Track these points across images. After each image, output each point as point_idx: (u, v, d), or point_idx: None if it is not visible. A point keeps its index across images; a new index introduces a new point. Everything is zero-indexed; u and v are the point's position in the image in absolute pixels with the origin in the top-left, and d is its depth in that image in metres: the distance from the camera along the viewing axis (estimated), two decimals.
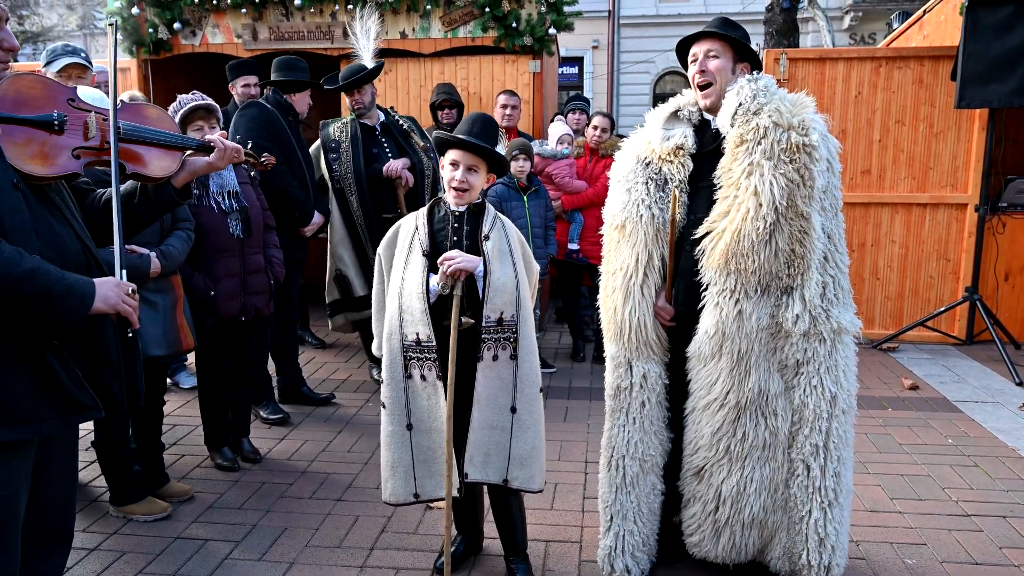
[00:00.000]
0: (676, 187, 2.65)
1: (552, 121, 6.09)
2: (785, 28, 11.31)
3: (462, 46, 6.28)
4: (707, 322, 2.58)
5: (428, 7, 6.12)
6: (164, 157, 2.25)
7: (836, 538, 2.62)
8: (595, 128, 5.57)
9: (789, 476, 2.63)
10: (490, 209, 2.70)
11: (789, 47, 10.18)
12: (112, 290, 1.93)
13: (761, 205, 2.45)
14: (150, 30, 6.40)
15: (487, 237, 2.63)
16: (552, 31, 6.09)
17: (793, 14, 11.44)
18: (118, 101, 2.15)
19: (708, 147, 2.69)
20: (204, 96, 3.71)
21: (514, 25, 6.02)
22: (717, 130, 2.66)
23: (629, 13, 20.30)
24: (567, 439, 4.25)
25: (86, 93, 2.47)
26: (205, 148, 2.39)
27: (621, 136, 6.04)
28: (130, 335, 2.01)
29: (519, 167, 5.01)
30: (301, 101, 4.78)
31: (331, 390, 5.04)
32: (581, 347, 5.80)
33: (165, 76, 6.74)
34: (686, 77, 2.77)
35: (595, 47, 20.40)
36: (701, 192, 2.66)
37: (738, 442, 2.61)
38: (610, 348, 2.80)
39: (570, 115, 6.20)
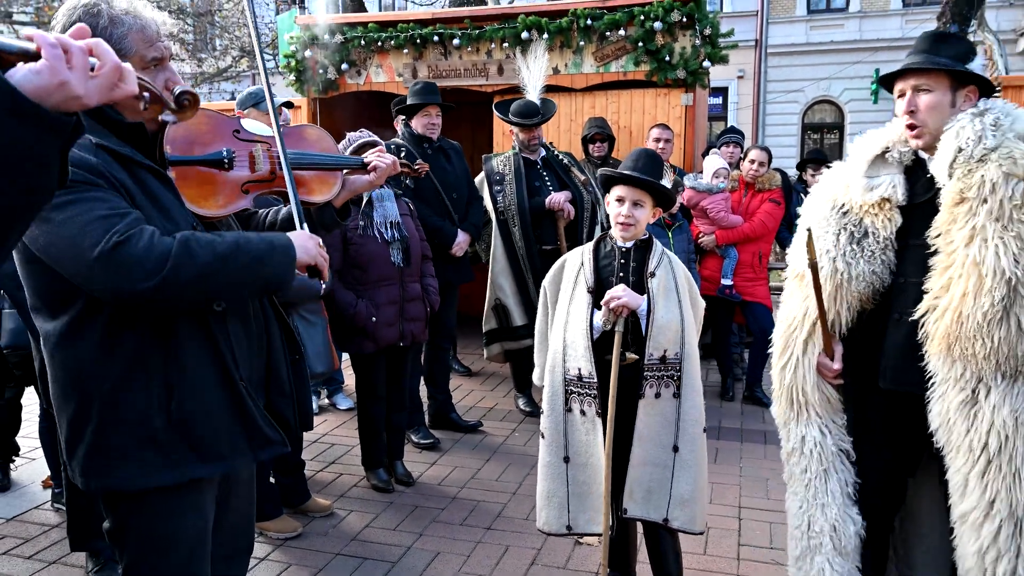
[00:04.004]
0: (808, 228, 2.30)
1: (706, 155, 5.98)
2: None
3: (613, 80, 6.31)
4: (931, 415, 2.20)
5: (581, 43, 6.20)
6: (326, 181, 2.26)
7: None
8: (752, 162, 5.42)
9: None
10: (657, 245, 2.69)
11: None
12: (308, 241, 1.90)
13: (985, 277, 2.04)
14: (320, 71, 6.86)
15: (653, 274, 2.61)
16: (706, 64, 6.01)
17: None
18: (281, 128, 2.17)
19: (921, 197, 2.26)
20: (370, 133, 3.92)
21: (667, 59, 5.99)
22: (932, 176, 2.23)
23: (777, 41, 19.76)
24: (719, 481, 4.11)
25: (248, 123, 2.42)
26: (364, 167, 2.38)
27: (780, 171, 5.84)
28: (323, 287, 1.87)
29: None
30: (418, 124, 4.77)
31: (478, 418, 5.13)
32: (730, 386, 5.61)
33: (331, 112, 7.18)
34: (838, 106, 2.50)
35: (740, 77, 19.97)
36: (912, 251, 2.25)
37: None
38: (772, 407, 2.56)
39: (724, 148, 6.08)
